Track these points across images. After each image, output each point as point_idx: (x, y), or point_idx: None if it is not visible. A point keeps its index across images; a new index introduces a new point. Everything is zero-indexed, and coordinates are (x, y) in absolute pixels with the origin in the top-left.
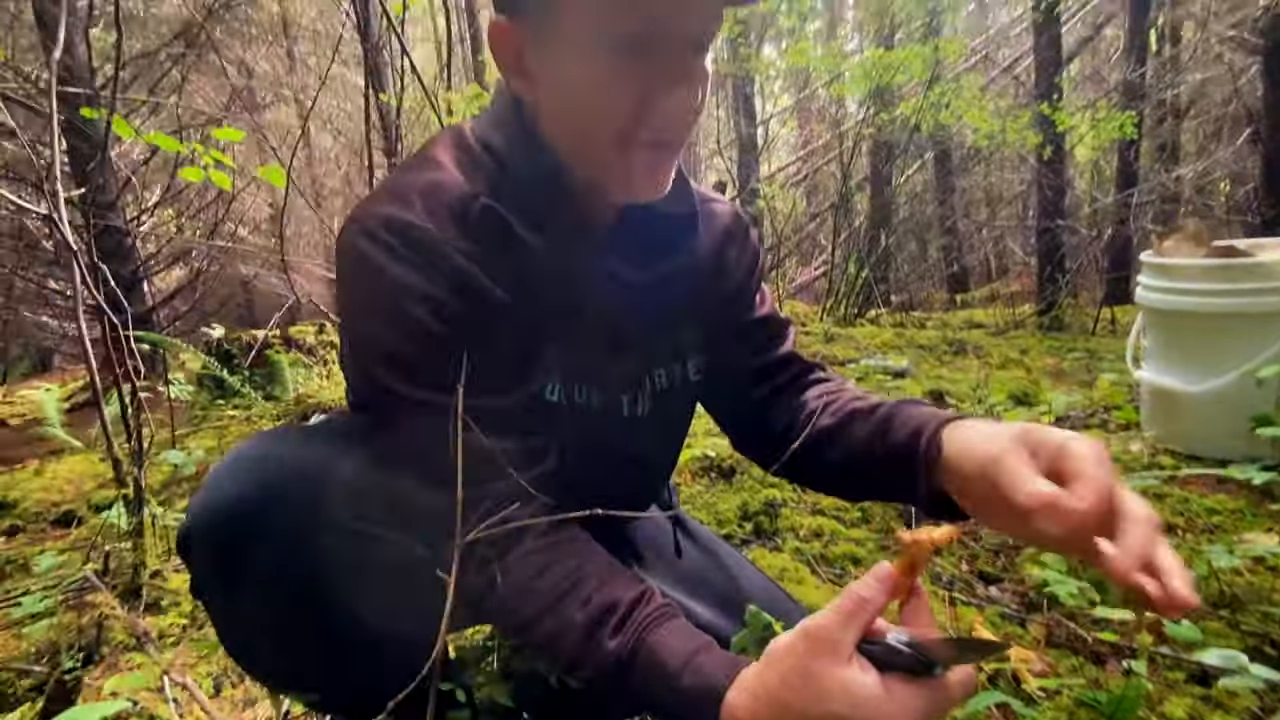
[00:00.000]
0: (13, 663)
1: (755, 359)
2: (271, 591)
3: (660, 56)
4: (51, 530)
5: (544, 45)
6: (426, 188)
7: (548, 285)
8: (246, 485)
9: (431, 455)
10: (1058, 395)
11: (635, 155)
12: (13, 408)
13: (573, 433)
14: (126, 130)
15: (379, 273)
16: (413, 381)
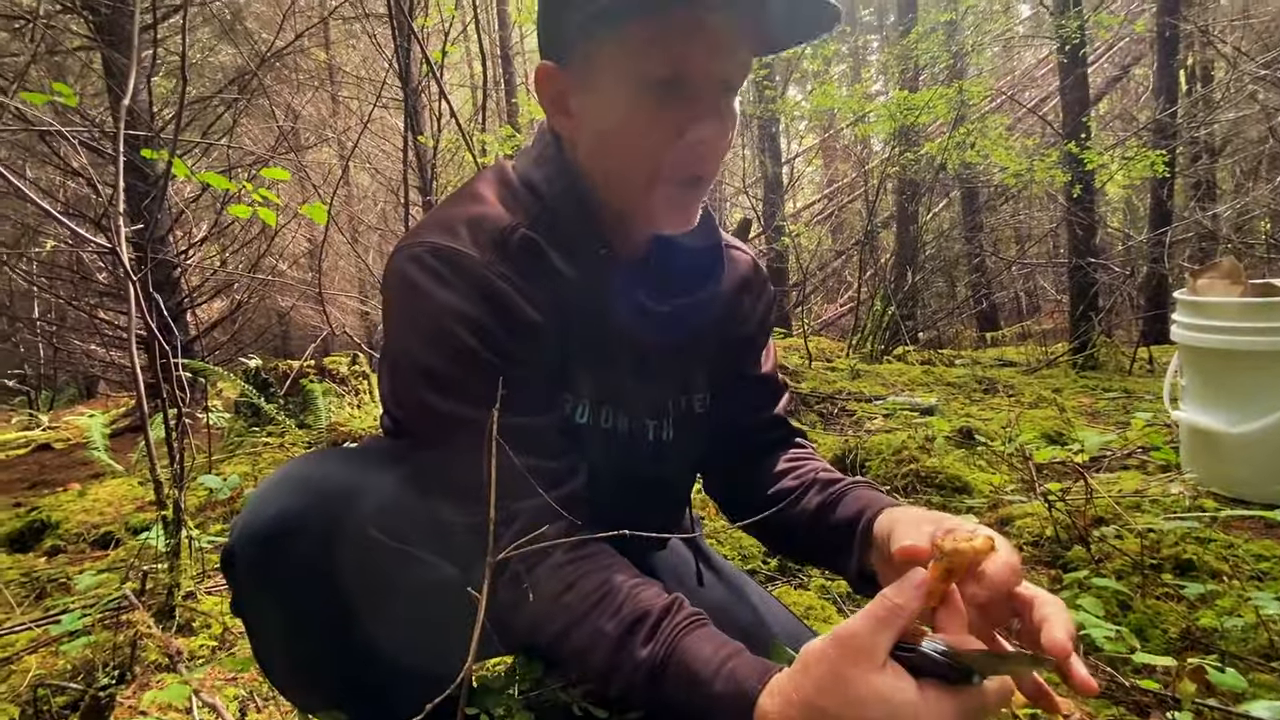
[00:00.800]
0: (50, 679)
1: (748, 415)
2: (306, 608)
3: (690, 98)
4: (91, 551)
5: (585, 87)
6: (471, 219)
7: (579, 311)
8: (286, 504)
9: (467, 471)
10: (1090, 434)
11: (666, 190)
12: (58, 433)
13: (600, 455)
14: (184, 171)
15: (425, 295)
16: (451, 398)
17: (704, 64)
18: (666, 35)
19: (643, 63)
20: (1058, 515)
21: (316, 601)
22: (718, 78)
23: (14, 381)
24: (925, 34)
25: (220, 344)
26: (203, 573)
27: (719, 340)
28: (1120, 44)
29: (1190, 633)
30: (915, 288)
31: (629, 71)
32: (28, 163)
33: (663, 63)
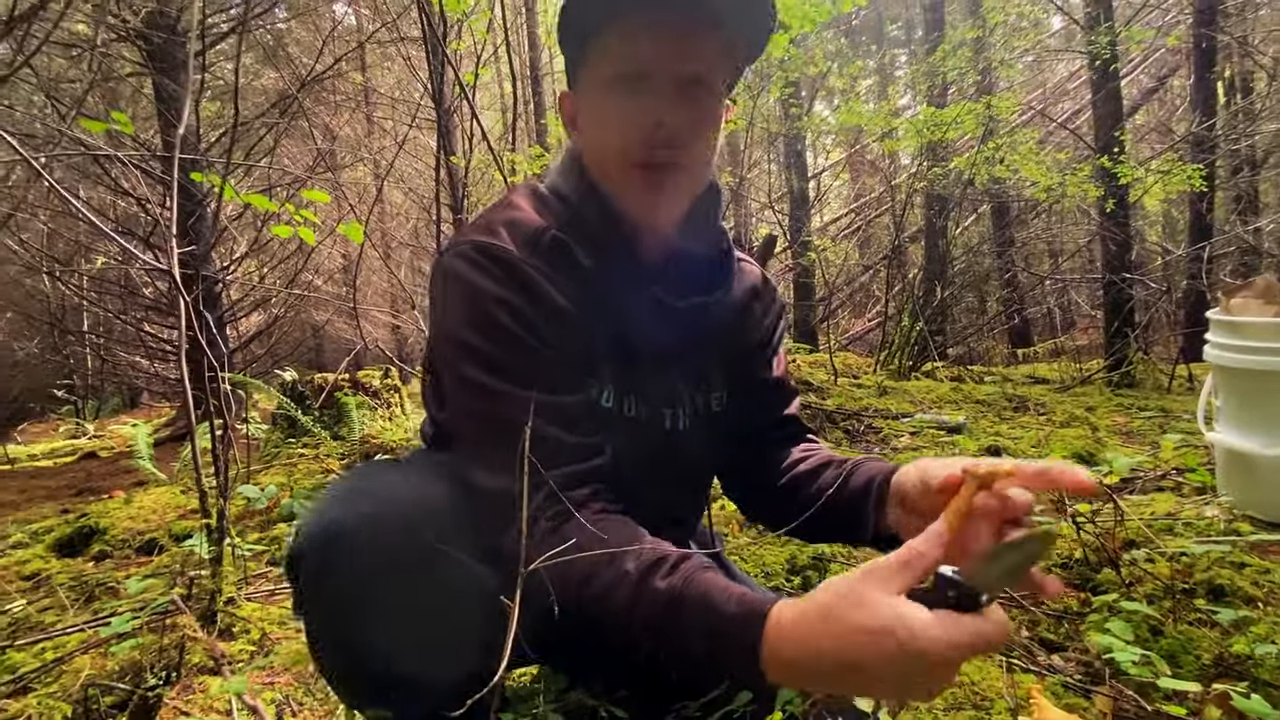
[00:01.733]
0: (99, 680)
1: (763, 415)
2: (361, 610)
3: (652, 91)
4: (136, 557)
5: (584, 102)
6: (508, 222)
7: (603, 304)
8: (345, 510)
9: (501, 440)
10: (1119, 455)
11: (636, 174)
12: (103, 441)
13: (621, 440)
14: (232, 193)
15: (469, 283)
16: (489, 373)
17: (661, 59)
18: (627, 38)
19: (611, 64)
20: (1086, 538)
21: (370, 604)
22: (676, 71)
23: (62, 391)
24: (952, 50)
25: (257, 357)
26: (244, 578)
27: (733, 343)
28: (1156, 55)
29: (1223, 659)
30: (944, 303)
31: (603, 74)
32: (81, 184)
33: (625, 60)
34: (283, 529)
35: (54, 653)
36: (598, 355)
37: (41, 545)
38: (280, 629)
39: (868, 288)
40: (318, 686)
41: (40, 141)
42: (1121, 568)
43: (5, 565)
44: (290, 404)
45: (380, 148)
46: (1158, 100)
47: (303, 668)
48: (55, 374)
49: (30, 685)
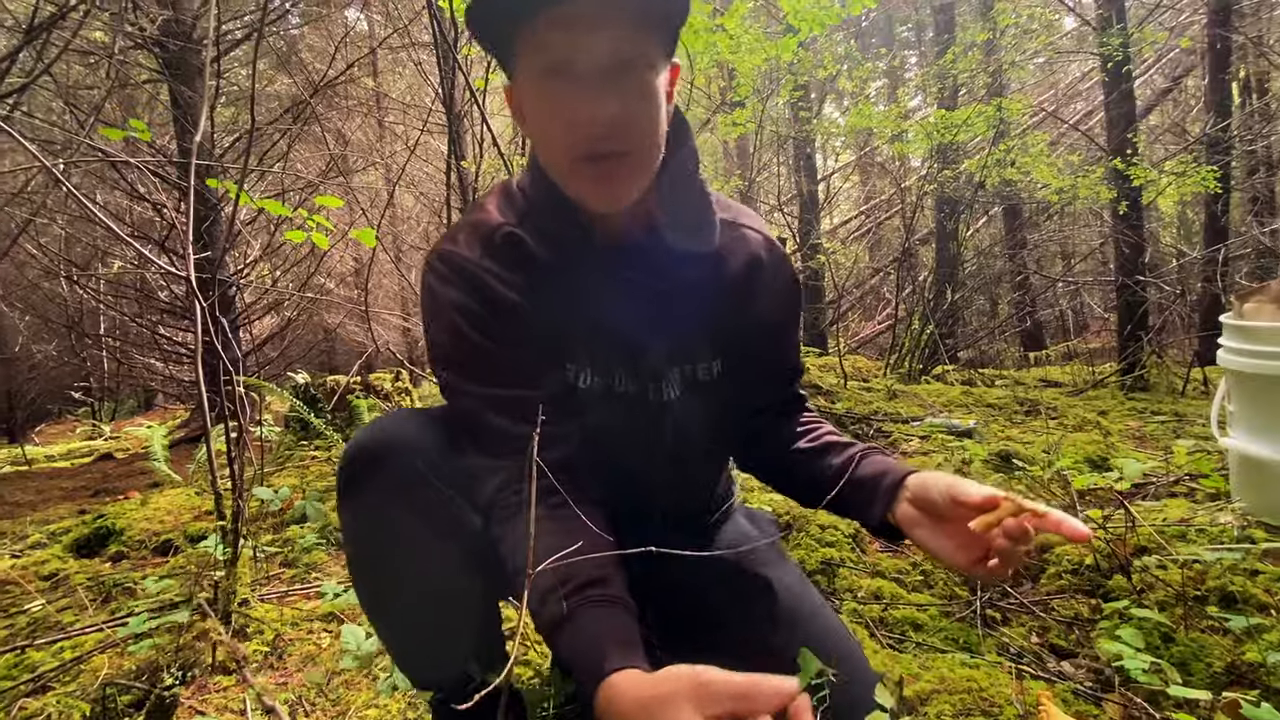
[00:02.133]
0: (117, 679)
1: (773, 392)
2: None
3: (574, 81)
4: (152, 557)
5: (522, 94)
6: (469, 226)
7: (563, 290)
8: (374, 435)
9: (466, 428)
10: (1130, 460)
11: (578, 168)
12: (119, 442)
13: (607, 416)
14: (246, 199)
15: (433, 293)
16: (454, 372)
17: (579, 48)
18: (543, 30)
19: (535, 58)
20: (1097, 544)
21: (380, 515)
22: (597, 58)
23: (79, 393)
24: (963, 52)
25: (270, 359)
26: (259, 580)
27: (728, 313)
28: (1170, 55)
29: (1235, 667)
30: (955, 306)
31: (529, 68)
32: (99, 189)
33: (545, 53)
34: (295, 531)
35: (72, 652)
36: (570, 339)
37: (59, 546)
38: (293, 630)
39: (877, 290)
40: (330, 687)
41: (59, 147)
42: (1133, 574)
43: (25, 565)
44: (303, 407)
45: (392, 152)
46: (1172, 101)
47: (315, 668)
48: (73, 376)
49: (49, 684)
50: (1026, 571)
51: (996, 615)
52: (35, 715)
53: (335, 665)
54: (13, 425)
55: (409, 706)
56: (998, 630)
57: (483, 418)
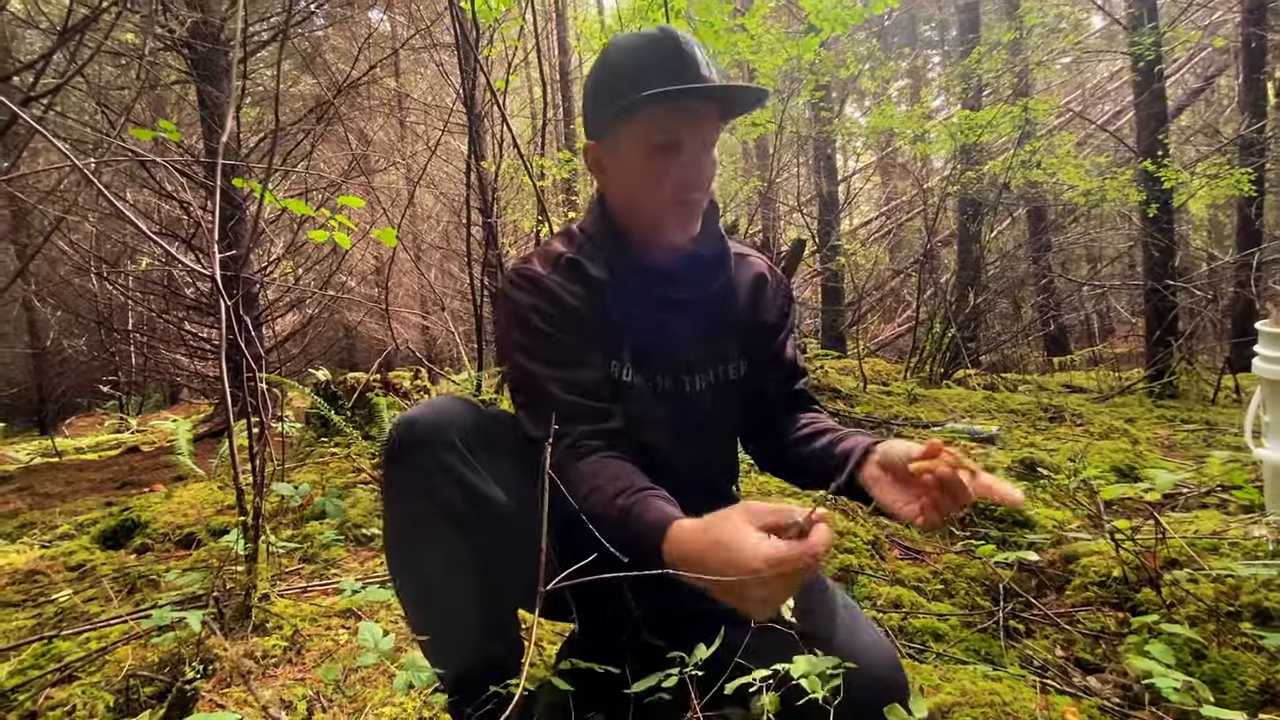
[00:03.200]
0: (140, 670)
1: (774, 386)
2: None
3: (680, 155)
4: (175, 550)
5: (614, 154)
6: (539, 253)
7: (614, 302)
8: (422, 411)
9: (540, 404)
10: (1161, 471)
11: (672, 211)
12: (145, 436)
13: (649, 405)
14: (271, 198)
15: (511, 298)
16: (528, 357)
17: (687, 133)
18: (662, 118)
19: (648, 136)
20: (1126, 556)
21: (418, 485)
22: (698, 140)
23: (108, 387)
24: (988, 51)
25: (292, 356)
26: (279, 575)
27: (747, 321)
28: (1202, 54)
29: (1270, 686)
30: (977, 309)
31: (640, 142)
32: (128, 187)
33: (660, 135)
34: (315, 526)
35: (98, 643)
36: (618, 342)
37: (87, 537)
38: (312, 626)
39: (897, 292)
40: (347, 684)
41: (90, 146)
42: (1162, 588)
43: (54, 556)
44: (324, 404)
45: (413, 152)
46: (1204, 101)
47: (332, 664)
48: (101, 370)
49: (75, 674)
50: (1051, 582)
51: (1020, 626)
52: (61, 705)
53: (352, 662)
54: (44, 417)
55: (424, 705)
56: (1021, 642)
57: (553, 393)
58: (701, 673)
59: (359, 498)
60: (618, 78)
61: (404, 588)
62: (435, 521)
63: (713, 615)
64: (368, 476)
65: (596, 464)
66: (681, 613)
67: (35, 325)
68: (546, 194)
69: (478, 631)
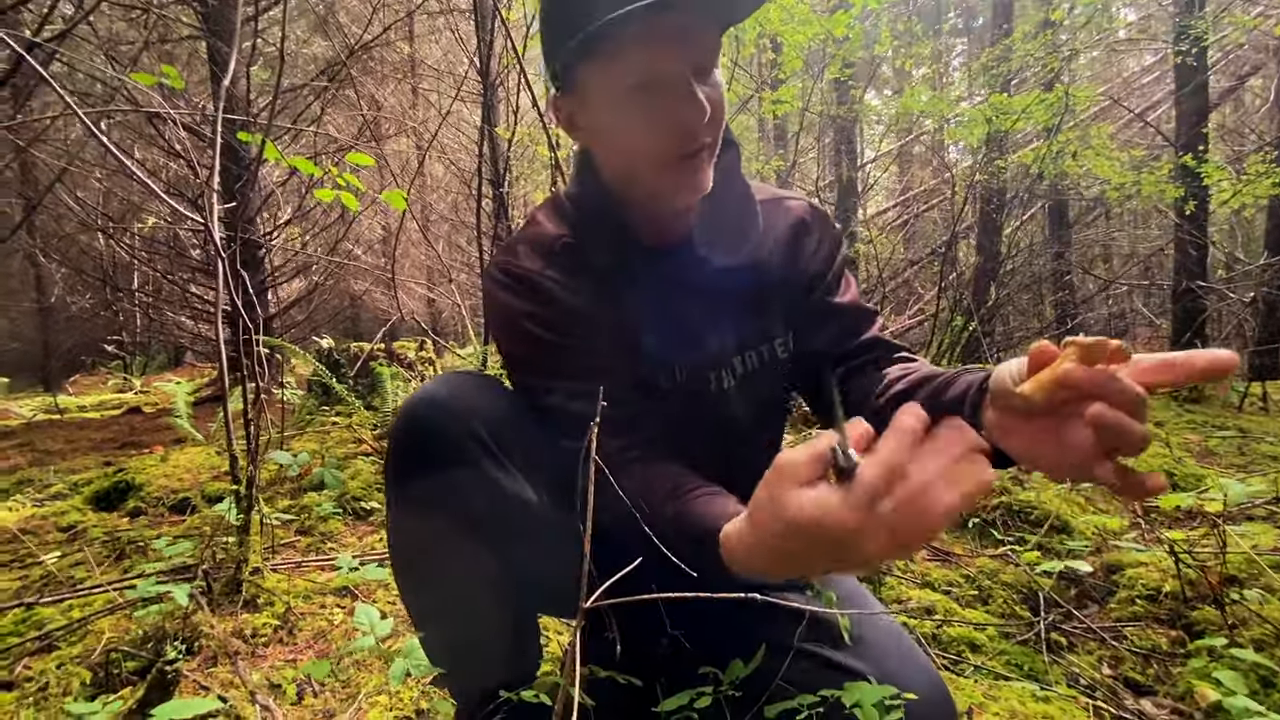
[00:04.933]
0: (121, 644)
1: (837, 343)
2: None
3: (665, 92)
4: (169, 515)
5: (584, 106)
6: (526, 238)
7: (621, 292)
8: (434, 387)
9: (559, 423)
10: (1232, 483)
11: (672, 169)
12: (148, 397)
13: (672, 408)
14: (275, 154)
15: (499, 302)
16: (526, 372)
17: (667, 62)
18: (629, 49)
19: (618, 75)
20: (1186, 571)
21: (425, 471)
22: (684, 69)
23: (112, 347)
24: (1032, 34)
25: (296, 322)
26: (271, 548)
27: (787, 283)
28: (1235, 54)
29: None
30: (998, 303)
31: (610, 85)
32: (136, 143)
33: (632, 71)
34: (313, 497)
35: (79, 611)
36: (626, 336)
37: (80, 498)
38: (305, 603)
39: (910, 284)
40: (340, 667)
41: (96, 99)
42: (1225, 606)
43: (45, 516)
44: (326, 372)
45: (424, 119)
46: (1233, 100)
47: (325, 645)
48: (106, 329)
49: (55, 644)
50: (1093, 593)
51: (1062, 640)
52: (36, 678)
53: (346, 644)
54: (48, 374)
55: (422, 695)
56: (1064, 657)
57: (568, 408)
58: (739, 693)
59: (359, 469)
60: (561, 6)
61: (417, 606)
62: (457, 533)
63: (747, 629)
64: (369, 448)
65: (637, 472)
66: (716, 620)
67: (41, 281)
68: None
69: (500, 652)
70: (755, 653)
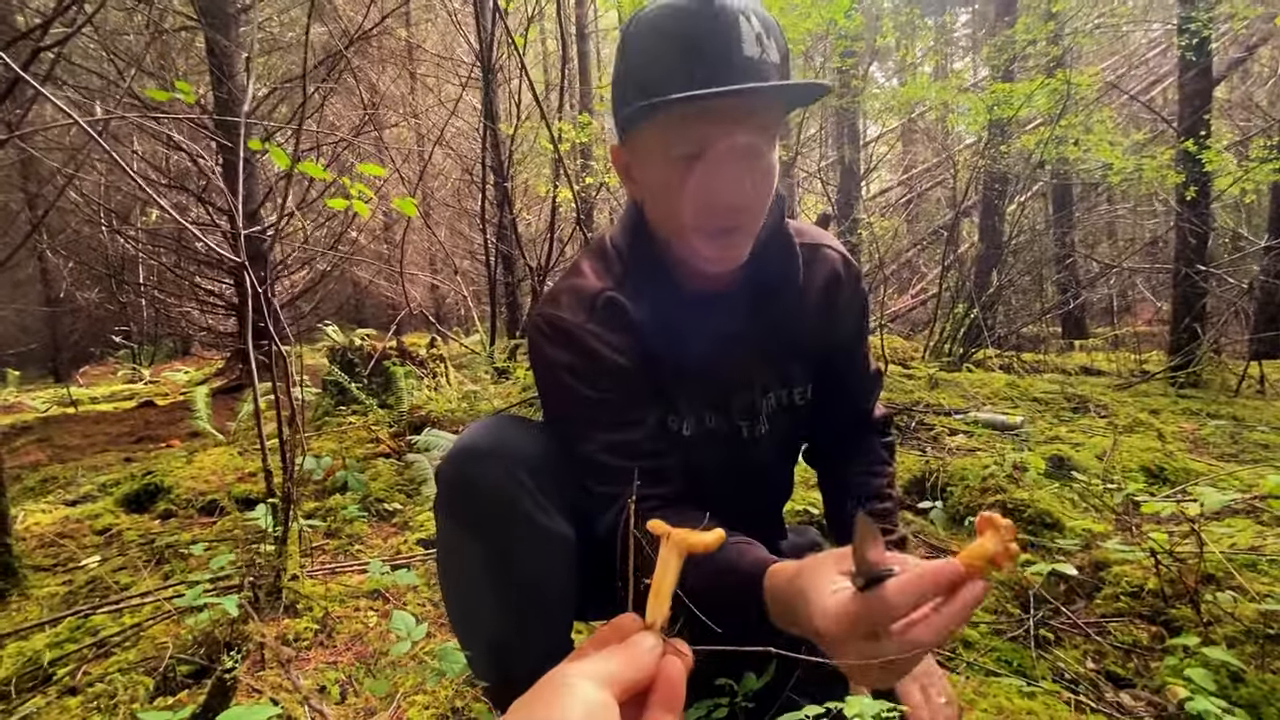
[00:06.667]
0: (177, 652)
1: (849, 405)
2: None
3: (714, 168)
4: (199, 517)
5: (639, 160)
6: (570, 290)
7: (659, 347)
8: (477, 437)
9: (590, 473)
10: (1208, 490)
11: (705, 240)
12: (159, 388)
13: (702, 455)
14: (283, 159)
15: (541, 352)
16: (575, 424)
17: (720, 139)
18: (686, 120)
19: (671, 142)
20: (1166, 570)
21: (475, 516)
22: (736, 148)
23: (120, 337)
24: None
25: (303, 314)
26: (309, 554)
27: (815, 334)
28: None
29: None
30: (1001, 288)
31: (662, 148)
32: (135, 136)
33: (685, 141)
34: (338, 500)
35: (130, 617)
36: (672, 391)
37: (110, 499)
38: (341, 607)
39: (912, 263)
40: (378, 668)
41: (94, 92)
42: (1201, 606)
43: (79, 518)
44: (343, 376)
45: (425, 106)
46: (1242, 71)
47: (362, 648)
48: (113, 321)
49: (111, 650)
50: (1081, 589)
51: (1049, 635)
52: (99, 680)
53: (382, 646)
54: (58, 366)
55: (456, 694)
56: (1051, 652)
57: (598, 459)
58: (752, 704)
59: (379, 470)
60: (635, 68)
61: (463, 629)
62: (503, 568)
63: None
64: (387, 448)
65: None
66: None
67: (48, 275)
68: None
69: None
70: (768, 666)
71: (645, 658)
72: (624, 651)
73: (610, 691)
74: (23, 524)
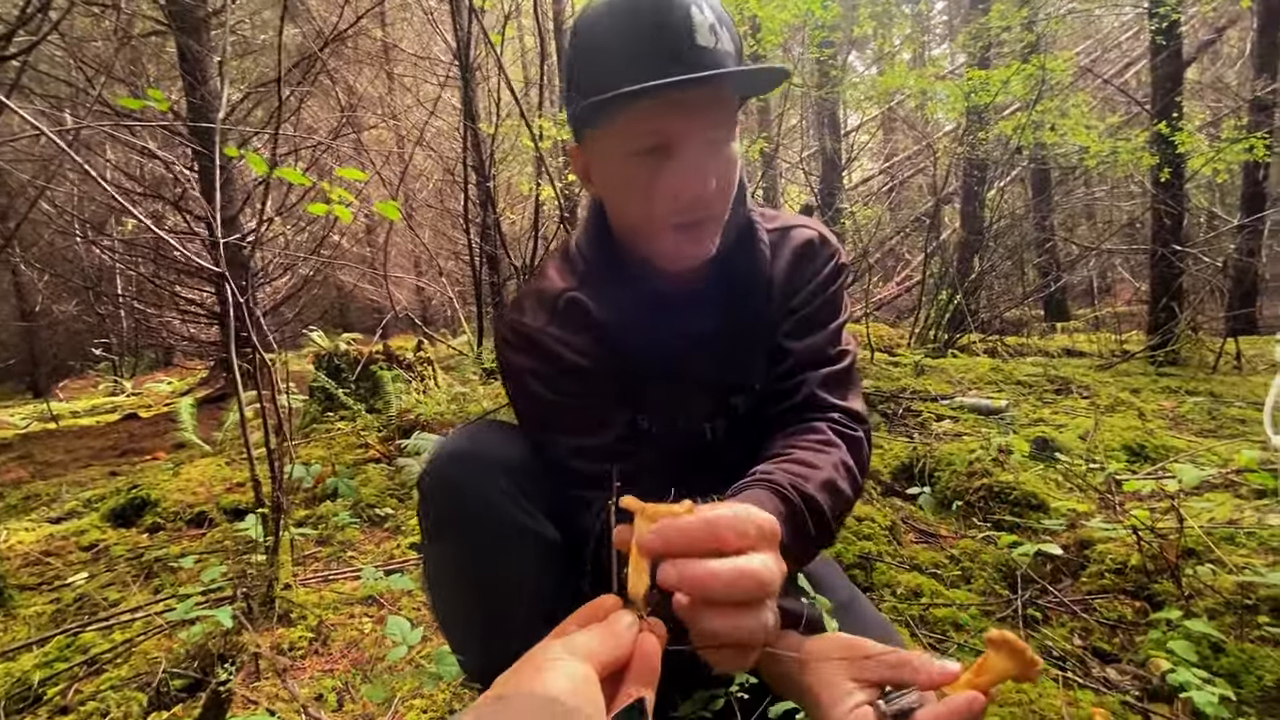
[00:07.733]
0: (169, 666)
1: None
2: (450, 524)
3: (674, 160)
4: (187, 530)
5: (597, 160)
6: (533, 294)
7: (623, 349)
8: (457, 446)
9: (560, 475)
10: (1186, 467)
11: (668, 235)
12: (142, 399)
13: (669, 454)
14: (261, 166)
15: (506, 359)
16: (541, 428)
17: (679, 131)
18: (645, 113)
19: (629, 138)
20: (1147, 547)
21: (457, 520)
22: (695, 139)
23: (100, 350)
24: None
25: (287, 320)
26: (301, 563)
27: (781, 314)
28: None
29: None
30: (983, 274)
31: (620, 146)
32: (108, 143)
33: (643, 136)
34: (329, 506)
35: (121, 633)
36: (629, 389)
37: (96, 514)
38: (335, 615)
39: (895, 250)
40: (375, 673)
41: (63, 100)
42: (1182, 579)
43: (64, 535)
44: (330, 382)
45: (404, 107)
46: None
47: (358, 655)
48: (92, 334)
49: (102, 667)
50: (1067, 568)
51: (1037, 615)
52: (92, 698)
53: (378, 651)
54: (37, 380)
55: (454, 697)
56: (1039, 631)
57: (568, 463)
58: (746, 696)
59: (369, 476)
60: (586, 64)
61: (453, 633)
62: (488, 571)
63: None
64: (377, 453)
65: None
66: None
67: (22, 289)
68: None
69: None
70: None
71: (624, 634)
72: (604, 629)
73: (590, 665)
74: (5, 543)
